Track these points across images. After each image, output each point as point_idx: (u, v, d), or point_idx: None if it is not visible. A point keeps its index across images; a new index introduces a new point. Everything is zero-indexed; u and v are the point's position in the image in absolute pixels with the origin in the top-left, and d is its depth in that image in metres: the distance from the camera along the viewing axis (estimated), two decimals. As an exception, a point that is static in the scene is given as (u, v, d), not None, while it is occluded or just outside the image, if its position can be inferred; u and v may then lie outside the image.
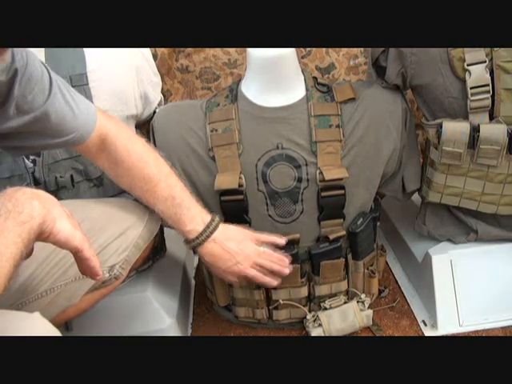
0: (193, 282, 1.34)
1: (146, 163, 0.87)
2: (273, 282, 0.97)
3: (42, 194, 0.62)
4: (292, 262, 0.98)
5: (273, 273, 0.96)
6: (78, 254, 0.65)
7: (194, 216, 0.89)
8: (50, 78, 0.77)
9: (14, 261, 0.55)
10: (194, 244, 0.91)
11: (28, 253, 0.60)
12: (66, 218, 0.63)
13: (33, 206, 0.59)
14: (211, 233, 0.90)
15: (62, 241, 0.62)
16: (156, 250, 1.16)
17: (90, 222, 0.84)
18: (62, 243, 0.62)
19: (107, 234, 0.86)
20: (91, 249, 0.66)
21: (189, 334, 1.16)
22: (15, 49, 0.70)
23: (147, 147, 0.89)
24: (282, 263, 0.96)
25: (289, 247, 0.99)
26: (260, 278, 0.95)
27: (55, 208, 0.62)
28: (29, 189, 0.61)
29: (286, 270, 0.96)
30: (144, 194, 0.88)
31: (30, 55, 0.73)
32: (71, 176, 1.02)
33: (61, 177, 1.01)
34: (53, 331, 0.57)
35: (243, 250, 0.92)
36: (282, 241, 0.96)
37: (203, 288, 1.22)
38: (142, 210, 0.93)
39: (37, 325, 0.55)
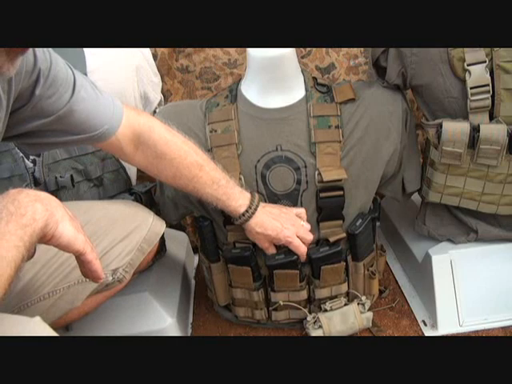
0: (193, 281, 1.34)
1: (187, 152, 0.88)
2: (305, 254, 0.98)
3: (44, 196, 0.61)
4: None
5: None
6: (80, 257, 0.64)
7: (240, 192, 0.92)
8: (74, 77, 0.77)
9: (16, 264, 0.55)
10: (246, 216, 0.92)
11: (30, 255, 0.60)
12: (69, 221, 0.62)
13: (35, 208, 0.58)
14: (258, 204, 0.93)
15: (64, 244, 0.61)
16: (156, 250, 1.16)
17: (94, 225, 0.83)
18: (64, 246, 0.62)
19: (111, 237, 0.85)
20: (94, 252, 0.65)
21: (189, 334, 1.16)
22: (38, 50, 0.70)
23: (182, 136, 0.90)
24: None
25: (288, 252, 0.98)
26: (301, 248, 0.96)
27: (58, 210, 0.61)
28: (32, 191, 0.61)
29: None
30: (190, 182, 0.89)
31: (53, 56, 0.73)
32: (71, 176, 1.02)
33: (61, 177, 1.01)
34: (54, 335, 0.56)
35: (288, 217, 0.94)
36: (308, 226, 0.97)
37: (203, 288, 1.22)
38: (147, 213, 0.93)
39: (37, 329, 0.55)
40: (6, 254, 0.54)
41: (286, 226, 0.93)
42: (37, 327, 0.55)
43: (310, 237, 0.96)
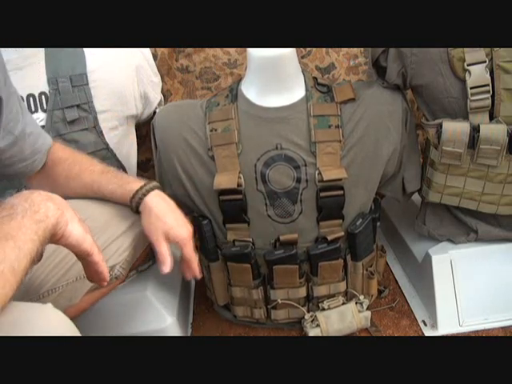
0: (193, 282, 1.34)
1: (80, 152, 0.92)
2: (198, 273, 0.89)
3: (55, 196, 0.64)
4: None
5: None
6: (87, 258, 0.65)
7: (134, 178, 0.89)
8: (20, 102, 0.79)
9: (31, 257, 0.57)
10: (140, 194, 0.84)
11: (38, 258, 0.61)
12: (77, 222, 0.64)
13: (48, 206, 0.61)
14: (153, 187, 0.87)
15: (73, 243, 0.63)
16: (156, 249, 1.16)
17: (91, 222, 0.84)
18: (72, 246, 0.63)
19: (108, 234, 0.86)
20: (100, 253, 0.67)
21: (189, 334, 1.16)
22: None
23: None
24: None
25: (287, 247, 0.99)
26: (194, 259, 0.86)
27: (68, 211, 0.63)
28: (43, 191, 0.63)
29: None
30: (85, 172, 0.88)
31: (7, 75, 0.75)
32: (71, 176, 1.02)
33: (61, 177, 1.01)
34: (67, 322, 0.58)
35: (183, 218, 0.87)
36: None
37: (203, 288, 1.22)
38: None
39: (50, 316, 0.56)
40: (23, 246, 0.56)
41: (183, 222, 0.85)
42: (49, 313, 0.57)
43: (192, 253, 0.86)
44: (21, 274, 0.55)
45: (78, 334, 0.59)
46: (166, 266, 0.83)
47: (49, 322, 0.56)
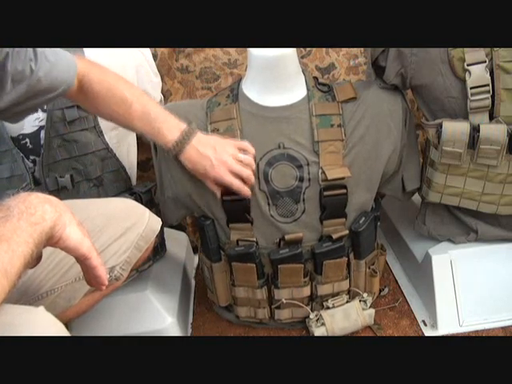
0: (193, 282, 1.34)
1: (118, 89, 0.91)
2: (248, 191, 0.96)
3: (53, 199, 0.63)
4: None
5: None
6: (85, 262, 0.65)
7: (171, 127, 0.93)
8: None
9: (25, 259, 0.56)
10: (174, 152, 0.93)
11: (35, 261, 0.61)
12: (76, 225, 0.63)
13: (45, 208, 0.60)
14: (187, 139, 0.93)
15: (70, 247, 0.62)
16: (156, 250, 1.16)
17: (90, 223, 0.84)
18: (70, 249, 0.63)
19: (107, 234, 0.85)
20: (99, 257, 0.66)
21: (189, 334, 1.16)
22: None
23: (118, 76, 0.94)
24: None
25: (292, 246, 0.99)
26: (236, 184, 0.95)
27: (66, 214, 0.62)
28: (41, 194, 0.62)
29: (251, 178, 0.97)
30: (121, 117, 0.92)
31: None
32: (71, 176, 1.02)
33: (61, 177, 1.01)
34: (57, 325, 0.57)
35: (220, 155, 0.94)
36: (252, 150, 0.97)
37: (203, 288, 1.22)
38: (143, 210, 0.93)
39: (41, 319, 0.56)
40: (17, 249, 0.55)
41: (215, 163, 0.93)
42: (41, 317, 0.56)
43: (245, 173, 0.95)
44: (14, 277, 0.54)
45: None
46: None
47: (39, 324, 0.55)
